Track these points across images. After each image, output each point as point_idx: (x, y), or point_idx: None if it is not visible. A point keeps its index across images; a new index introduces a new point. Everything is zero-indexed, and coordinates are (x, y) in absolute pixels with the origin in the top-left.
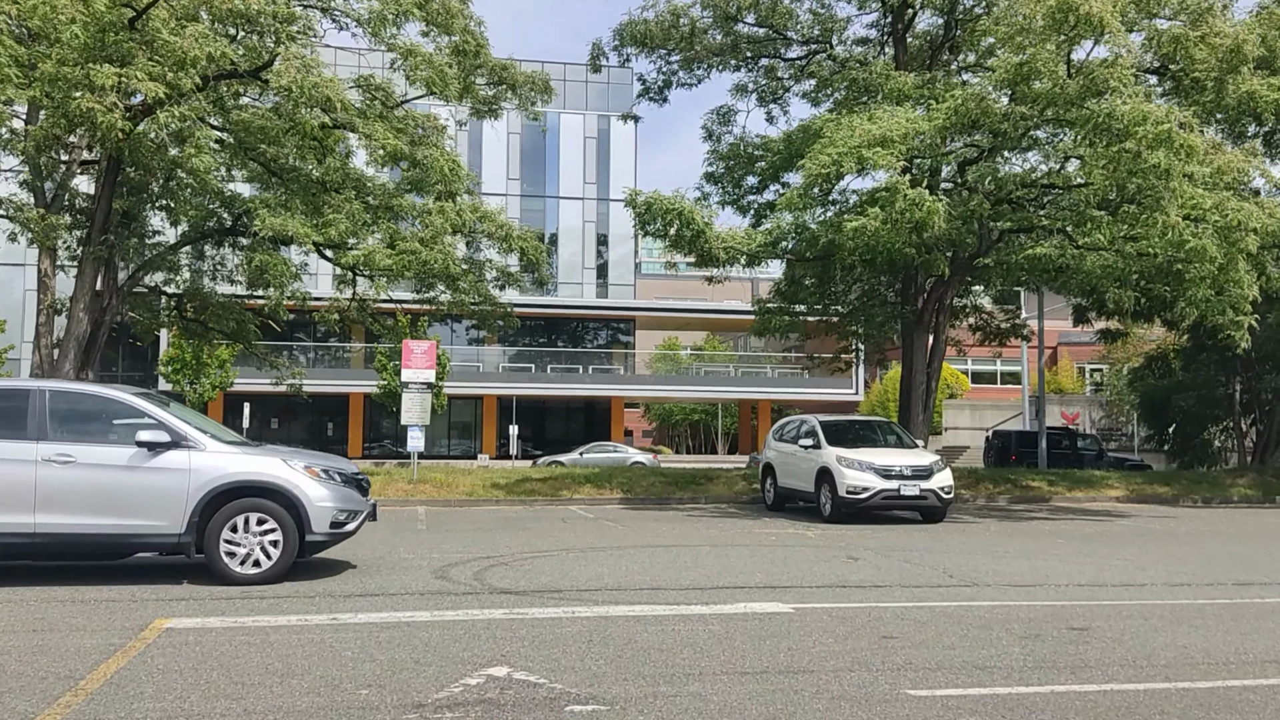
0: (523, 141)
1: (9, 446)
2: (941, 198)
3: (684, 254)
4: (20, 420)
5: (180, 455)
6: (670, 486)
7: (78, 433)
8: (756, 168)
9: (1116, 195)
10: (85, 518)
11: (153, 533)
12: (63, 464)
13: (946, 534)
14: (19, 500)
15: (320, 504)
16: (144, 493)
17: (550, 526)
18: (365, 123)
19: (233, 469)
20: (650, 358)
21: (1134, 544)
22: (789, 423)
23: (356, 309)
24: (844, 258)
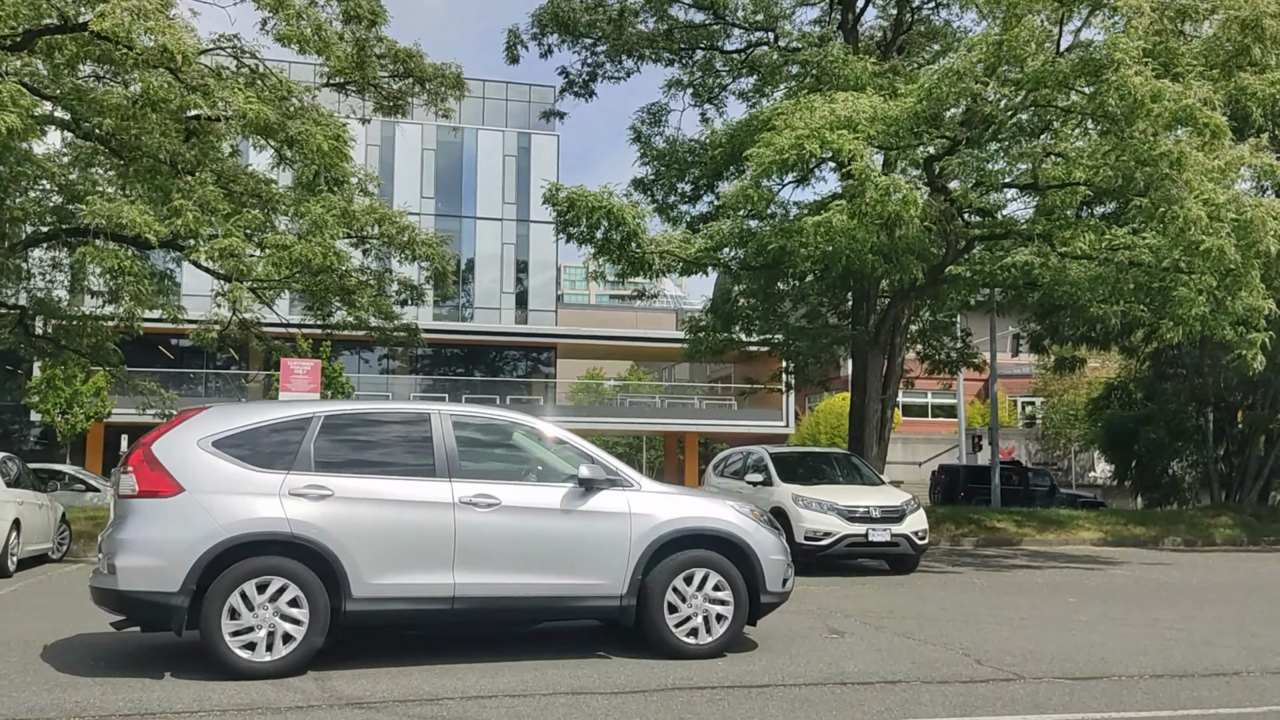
0: (438, 158)
1: (417, 487)
2: (921, 187)
3: (613, 261)
4: (424, 452)
5: (618, 496)
6: None
7: (490, 468)
8: (689, 175)
9: (1124, 189)
10: (513, 576)
11: (590, 594)
12: (486, 508)
13: (930, 590)
14: (434, 556)
15: (773, 557)
16: (581, 543)
17: None
18: (221, 85)
19: (675, 513)
20: (572, 388)
21: (1156, 602)
22: (733, 455)
23: (238, 328)
24: (797, 265)
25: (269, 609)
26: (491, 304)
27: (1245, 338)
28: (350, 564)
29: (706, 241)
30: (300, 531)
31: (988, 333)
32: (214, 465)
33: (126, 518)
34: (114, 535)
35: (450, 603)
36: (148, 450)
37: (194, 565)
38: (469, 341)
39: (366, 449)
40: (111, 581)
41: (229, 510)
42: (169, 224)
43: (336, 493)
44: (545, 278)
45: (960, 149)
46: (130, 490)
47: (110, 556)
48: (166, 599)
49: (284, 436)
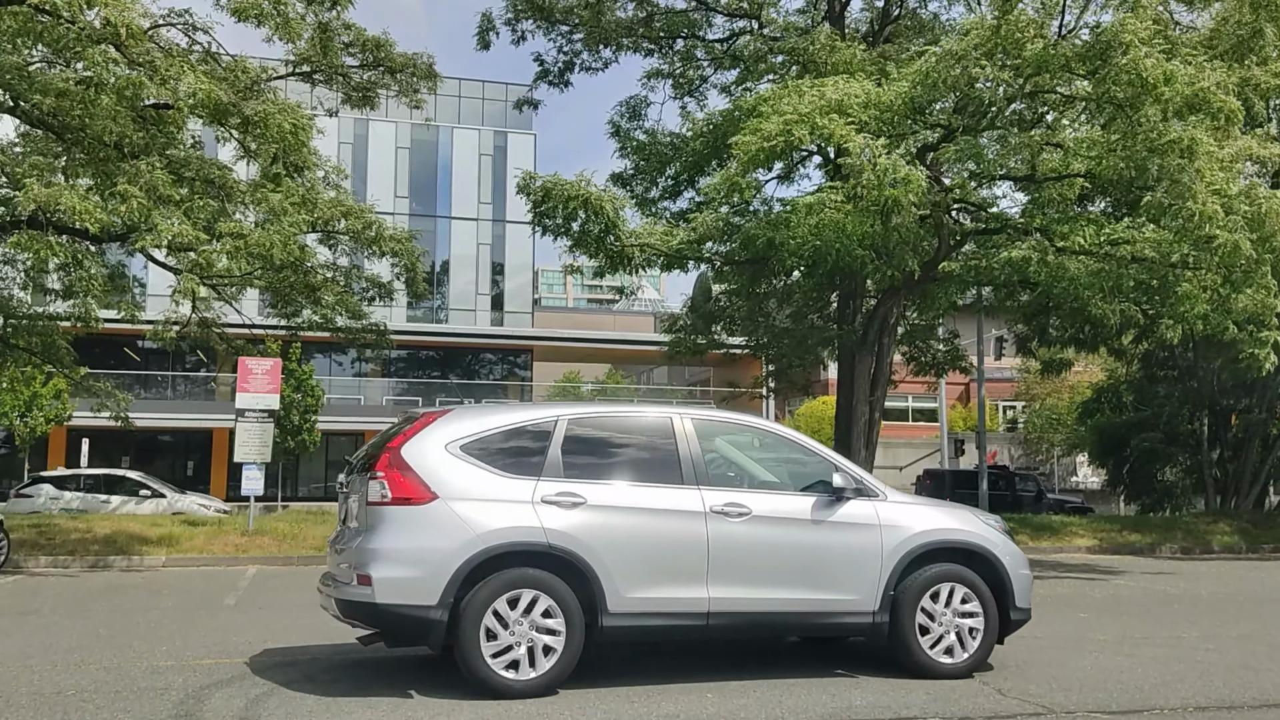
0: (412, 157)
1: (668, 495)
2: (922, 169)
3: (590, 254)
4: (669, 458)
5: (866, 506)
6: None
7: (734, 475)
8: (670, 169)
9: (1134, 180)
10: (766, 590)
11: (843, 609)
12: (738, 518)
13: None
14: (687, 568)
15: (1021, 571)
16: (833, 556)
17: None
18: (170, 62)
19: (925, 524)
20: (549, 392)
21: (1172, 617)
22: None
23: (198, 327)
24: (785, 260)
25: (524, 624)
26: (467, 306)
27: (1256, 336)
28: (606, 577)
29: (690, 234)
30: (557, 542)
31: (971, 335)
32: (464, 471)
33: (378, 526)
34: (364, 545)
35: (705, 618)
36: (397, 455)
37: (452, 577)
38: (444, 344)
39: (611, 454)
40: (365, 594)
41: (484, 519)
42: (114, 211)
43: (589, 501)
44: (522, 280)
45: (957, 135)
46: (381, 497)
47: (361, 567)
48: (425, 613)
49: (529, 441)
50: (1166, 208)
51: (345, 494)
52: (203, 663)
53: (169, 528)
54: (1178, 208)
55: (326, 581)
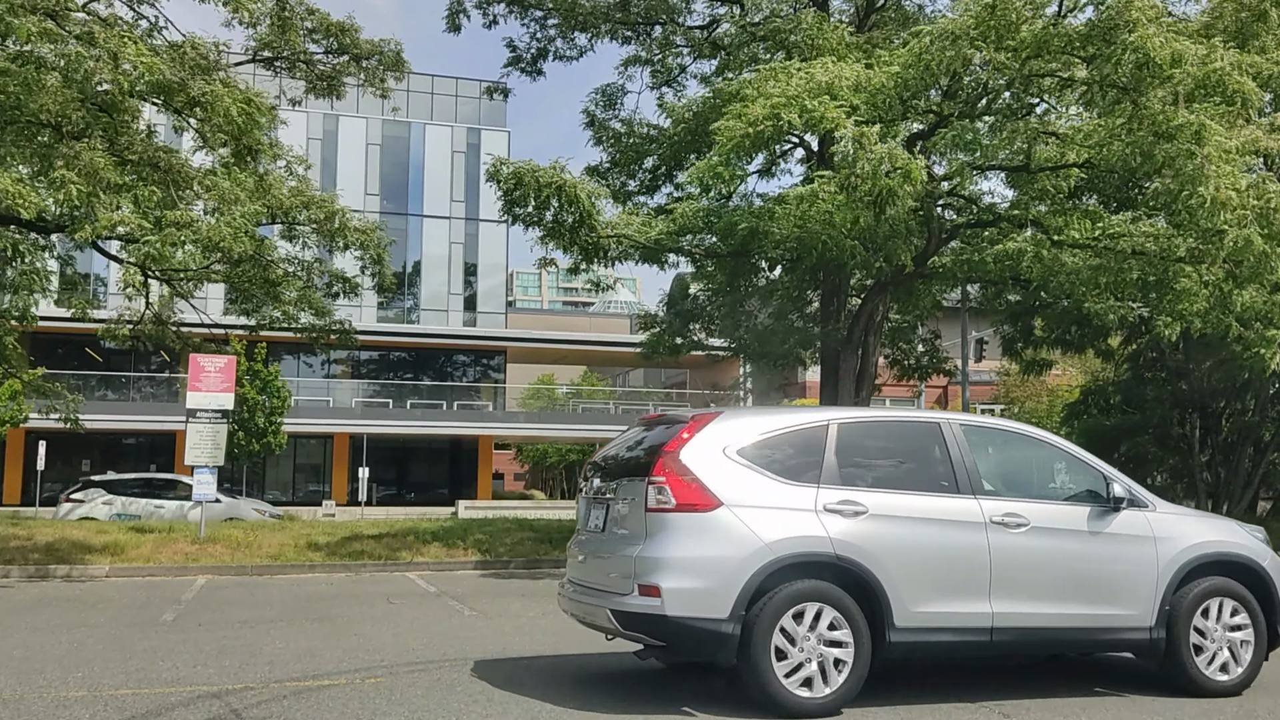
0: (383, 154)
1: (946, 504)
2: (919, 156)
3: (564, 247)
4: (941, 465)
5: (1138, 517)
6: (542, 545)
7: (1007, 483)
8: (646, 165)
9: (1140, 169)
10: (1046, 605)
11: (1120, 625)
12: (1017, 529)
13: None
14: (970, 581)
15: None
16: (1110, 569)
17: (367, 611)
18: (110, 34)
19: (1197, 536)
20: (523, 394)
21: None
22: None
23: (153, 324)
24: (768, 252)
25: (811, 638)
26: (439, 306)
27: (1263, 335)
28: (892, 589)
29: (669, 226)
30: (844, 552)
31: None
32: (745, 477)
33: (661, 535)
34: (647, 554)
35: (989, 634)
36: (676, 460)
37: (743, 589)
38: (416, 345)
39: (884, 460)
40: (652, 606)
41: (771, 528)
42: (51, 196)
43: (871, 509)
44: (495, 280)
45: (952, 121)
46: (664, 504)
47: (645, 577)
48: (716, 626)
49: (804, 445)
50: (1177, 194)
51: (595, 498)
52: (118, 694)
53: (115, 535)
54: (1189, 194)
55: (584, 590)
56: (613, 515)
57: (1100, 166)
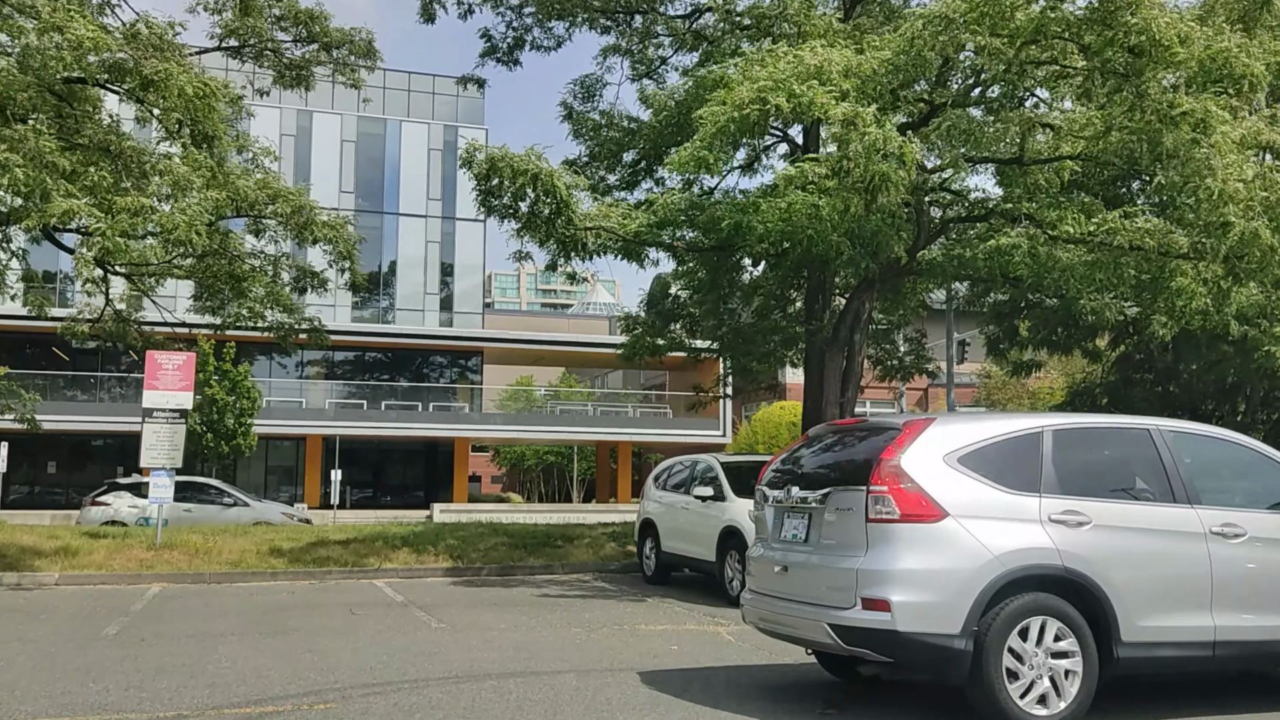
0: (358, 151)
1: (1165, 513)
2: (914, 139)
3: (540, 240)
4: (1154, 472)
5: None
6: (517, 551)
7: (1218, 492)
8: (626, 159)
9: (1142, 159)
10: (1265, 617)
11: None
12: (1235, 539)
13: None
14: (1192, 593)
15: None
16: None
17: (328, 622)
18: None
19: None
20: (501, 396)
21: None
22: (676, 465)
23: (113, 321)
24: (753, 245)
25: (1039, 653)
26: (415, 306)
27: (1271, 333)
28: (1119, 603)
29: (650, 218)
30: (1071, 564)
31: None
32: (967, 485)
33: (885, 546)
34: (872, 566)
35: (1211, 648)
36: (897, 468)
37: (975, 603)
38: (392, 345)
39: (1099, 468)
40: (881, 620)
41: (999, 539)
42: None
43: (1094, 520)
44: (472, 281)
45: (945, 109)
46: (886, 514)
47: (871, 589)
48: (949, 642)
49: (1021, 452)
50: (1181, 187)
51: (793, 508)
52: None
53: (67, 539)
54: (1195, 186)
55: (787, 603)
56: (820, 525)
57: (1098, 158)
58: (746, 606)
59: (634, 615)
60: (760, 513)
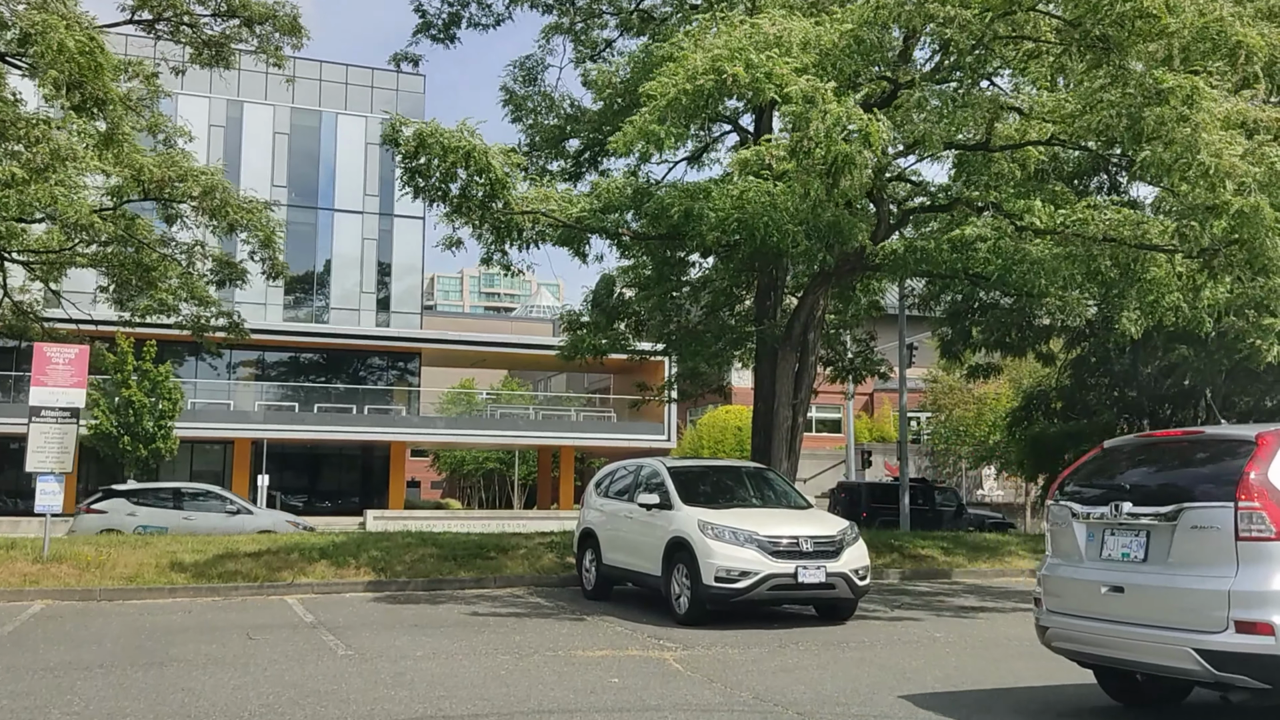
0: (291, 144)
1: None
2: (880, 117)
3: (473, 224)
4: None
5: None
6: (447, 563)
7: None
8: (569, 147)
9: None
10: None
11: None
12: None
13: (890, 651)
14: None
15: None
16: None
17: (216, 650)
18: None
19: None
20: (441, 398)
21: None
22: (620, 470)
23: (13, 315)
24: (703, 234)
25: None
26: (351, 305)
27: (1259, 323)
28: None
29: (592, 202)
30: None
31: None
32: None
33: (1262, 566)
34: (1248, 588)
35: None
36: (1268, 483)
37: None
38: (327, 345)
39: None
40: (1263, 645)
41: None
42: None
43: None
44: (411, 280)
45: (918, 84)
46: (1260, 532)
47: (1247, 613)
48: None
49: None
50: (1171, 164)
51: (1122, 524)
52: None
53: None
54: (1186, 162)
55: (1132, 627)
56: (1167, 544)
57: (1069, 143)
58: (1053, 630)
59: (571, 638)
60: (1058, 529)
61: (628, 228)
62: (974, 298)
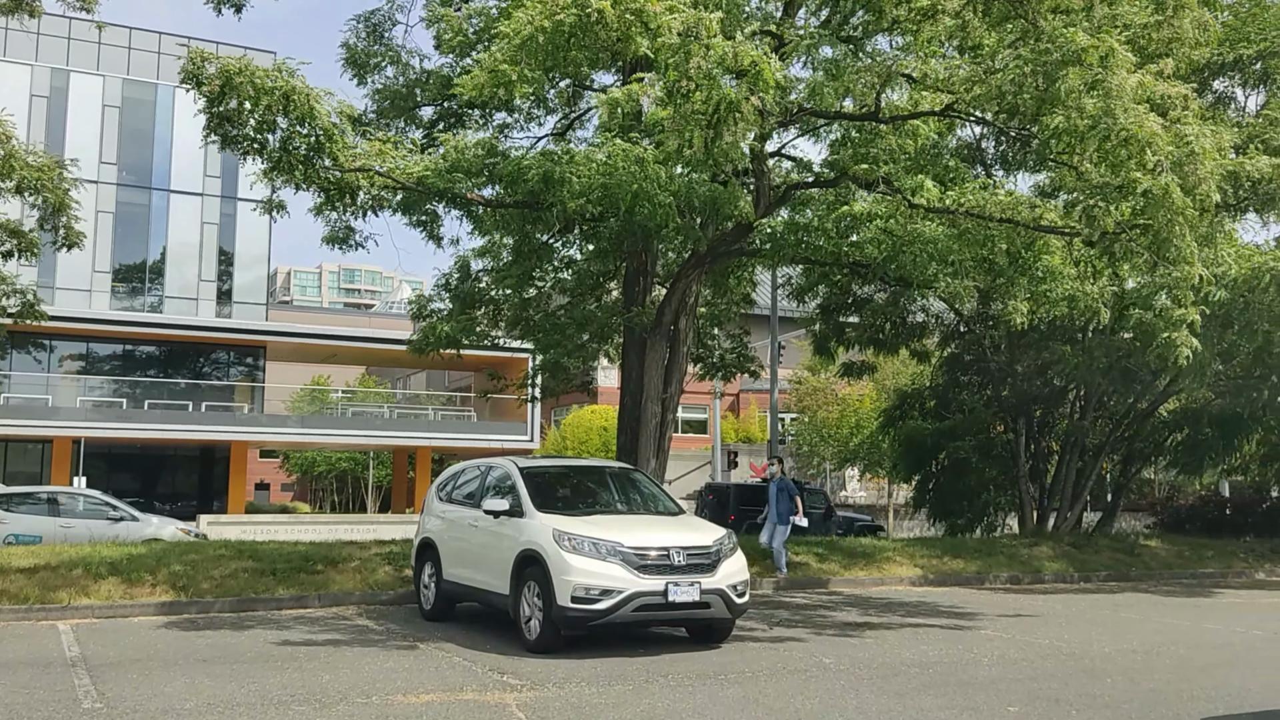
0: (123, 119)
1: None
2: (771, 56)
3: (296, 182)
4: None
5: None
6: (263, 578)
7: None
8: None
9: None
10: None
11: None
12: None
13: (777, 685)
14: None
15: None
16: None
17: None
18: None
19: None
20: (293, 396)
21: (1128, 698)
22: (467, 470)
23: None
24: (567, 204)
25: None
26: (189, 294)
27: (1170, 316)
28: None
29: (438, 163)
30: None
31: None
32: None
33: None
34: None
35: None
36: None
37: None
38: (161, 337)
39: None
40: None
41: None
42: None
43: None
44: (256, 270)
45: (806, 35)
46: None
47: None
48: None
49: None
50: (1084, 133)
51: None
52: None
53: None
54: (1105, 129)
55: None
56: None
57: (968, 111)
58: None
59: (395, 676)
60: None
61: (479, 194)
62: (849, 291)
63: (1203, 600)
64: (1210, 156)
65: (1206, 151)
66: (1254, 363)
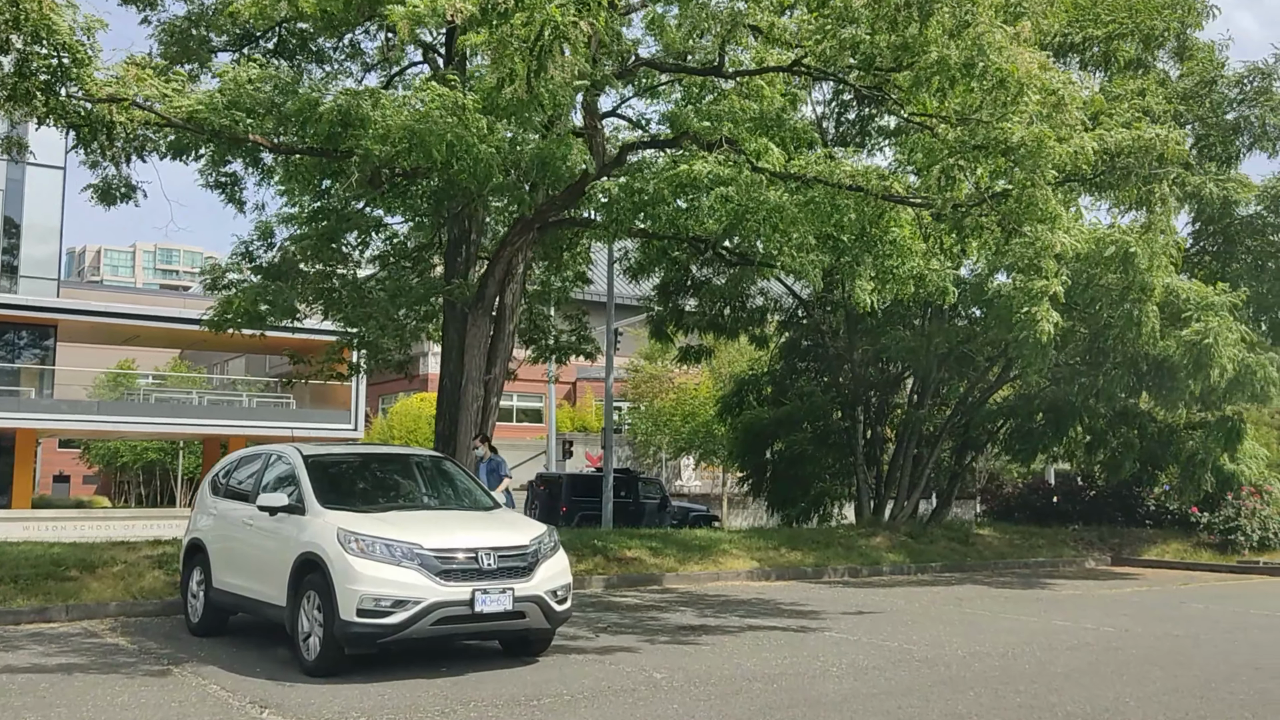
0: None
1: None
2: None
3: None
4: None
5: None
6: (2, 586)
7: None
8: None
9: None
10: None
11: None
12: None
13: (599, 712)
14: None
15: None
16: None
17: None
18: None
19: None
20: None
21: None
22: (244, 460)
23: None
24: (370, 150)
25: None
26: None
27: (1028, 289)
28: None
29: (215, 98)
30: None
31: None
32: None
33: None
34: None
35: None
36: None
37: None
38: None
39: None
40: None
41: None
42: None
43: None
44: (48, 243)
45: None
46: None
47: None
48: None
49: None
50: (956, 72)
51: None
52: None
53: None
54: (981, 67)
55: None
56: None
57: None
58: None
59: (125, 713)
60: None
61: (267, 135)
62: (688, 271)
63: (1042, 593)
64: (1078, 104)
65: (1075, 99)
66: (1088, 349)
